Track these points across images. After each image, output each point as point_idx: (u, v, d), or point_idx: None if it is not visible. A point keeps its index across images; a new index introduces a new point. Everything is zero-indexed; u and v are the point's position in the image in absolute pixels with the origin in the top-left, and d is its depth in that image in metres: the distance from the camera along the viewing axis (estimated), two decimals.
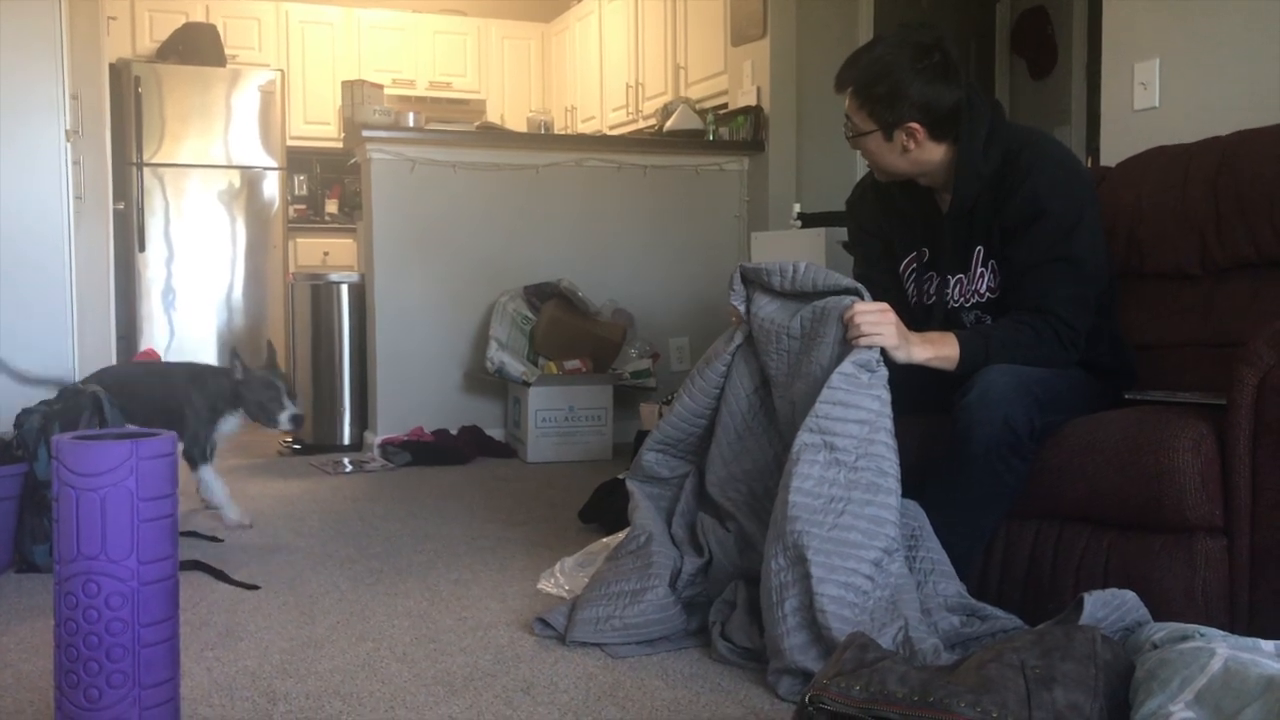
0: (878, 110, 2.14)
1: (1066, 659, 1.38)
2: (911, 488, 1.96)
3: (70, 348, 3.67)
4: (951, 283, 2.24)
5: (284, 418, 3.23)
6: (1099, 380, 2.18)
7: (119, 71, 6.07)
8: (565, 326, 4.41)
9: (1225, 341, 2.25)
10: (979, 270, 2.20)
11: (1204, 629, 1.51)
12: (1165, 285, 2.47)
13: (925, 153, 2.16)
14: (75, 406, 2.73)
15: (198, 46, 6.48)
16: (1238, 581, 1.80)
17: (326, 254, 6.95)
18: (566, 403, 4.31)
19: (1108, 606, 1.68)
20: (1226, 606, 1.80)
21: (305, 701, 1.82)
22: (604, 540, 2.64)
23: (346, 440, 4.64)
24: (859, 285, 2.06)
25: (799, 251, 3.90)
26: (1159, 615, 1.72)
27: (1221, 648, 1.39)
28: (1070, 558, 1.97)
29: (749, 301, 2.17)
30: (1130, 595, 1.72)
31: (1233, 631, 1.56)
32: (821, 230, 3.87)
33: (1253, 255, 2.31)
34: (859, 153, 2.27)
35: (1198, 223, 2.39)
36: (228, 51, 6.69)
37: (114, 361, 4.59)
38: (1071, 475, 1.96)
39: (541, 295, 4.50)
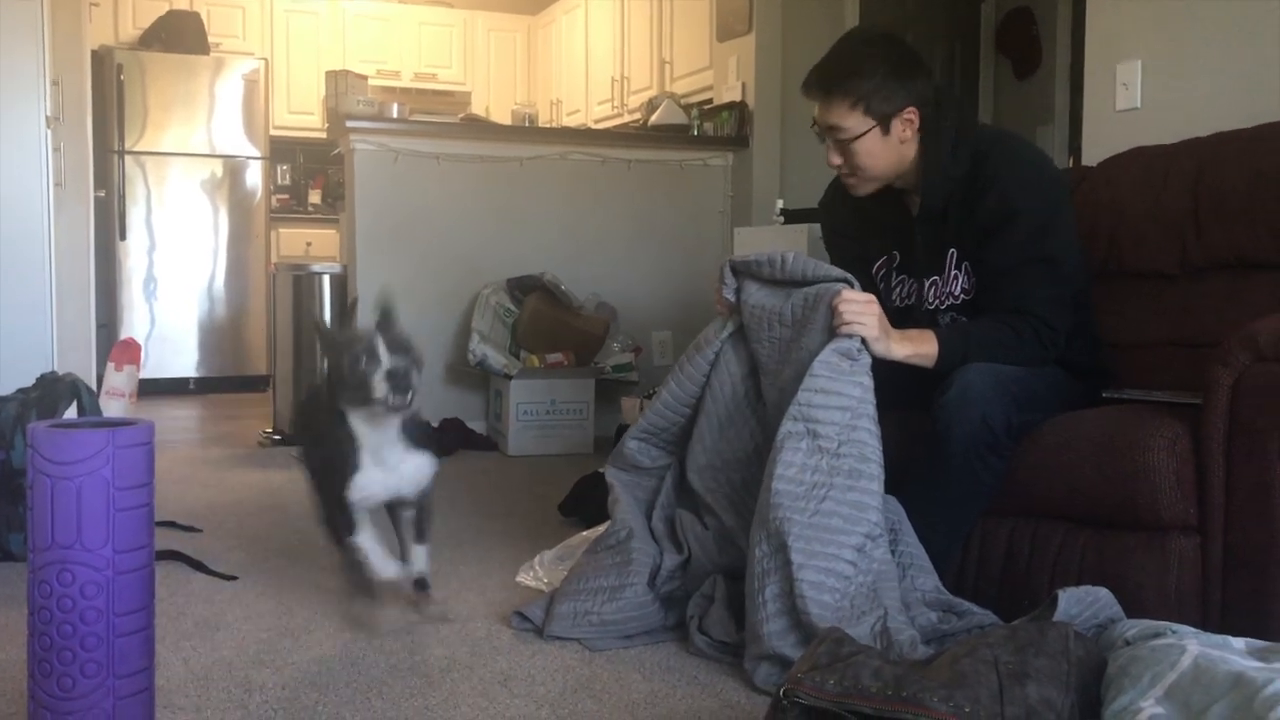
0: (873, 103, 2.11)
1: (1039, 655, 1.38)
2: (891, 485, 1.97)
3: (49, 336, 3.65)
4: (926, 285, 2.24)
5: (376, 380, 1.98)
6: (1076, 379, 2.19)
7: (101, 58, 6.02)
8: (548, 320, 4.41)
9: (1202, 341, 2.26)
10: (953, 273, 2.20)
11: (1176, 626, 1.52)
12: (1143, 285, 2.49)
13: (910, 147, 2.16)
14: (53, 394, 2.71)
15: (181, 34, 6.45)
16: (1210, 580, 1.82)
17: (309, 244, 6.93)
18: (548, 396, 4.31)
19: (1081, 603, 1.70)
20: (1199, 604, 1.82)
21: (281, 692, 1.82)
22: (584, 534, 2.64)
23: None
24: (849, 275, 2.05)
25: (782, 247, 3.89)
26: (1132, 612, 1.74)
27: (1192, 645, 1.40)
28: (1046, 555, 1.98)
29: (739, 291, 2.17)
30: (1104, 592, 1.74)
31: (1204, 629, 1.57)
32: (804, 226, 3.87)
33: (1230, 257, 2.33)
34: (839, 165, 2.21)
35: (1177, 223, 2.40)
36: (211, 40, 6.66)
37: (94, 350, 4.56)
38: (1048, 473, 1.97)
39: (524, 288, 4.49)
